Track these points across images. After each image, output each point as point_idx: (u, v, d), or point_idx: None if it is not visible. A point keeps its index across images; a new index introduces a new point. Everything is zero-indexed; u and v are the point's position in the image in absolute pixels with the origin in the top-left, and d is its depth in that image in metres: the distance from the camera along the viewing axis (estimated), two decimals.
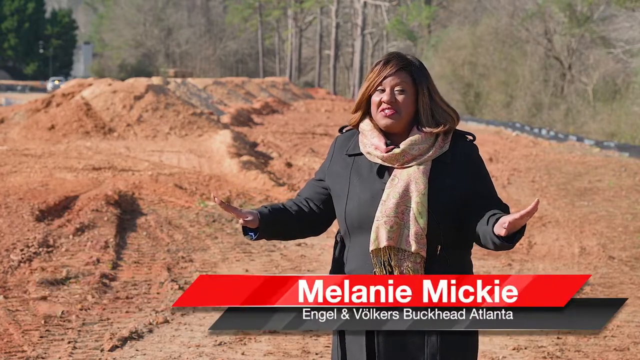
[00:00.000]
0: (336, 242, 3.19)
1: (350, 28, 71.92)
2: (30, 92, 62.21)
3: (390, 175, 3.06)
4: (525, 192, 14.71)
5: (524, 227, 2.88)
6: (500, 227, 2.86)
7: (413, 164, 3.04)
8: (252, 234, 3.12)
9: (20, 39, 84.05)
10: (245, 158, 17.12)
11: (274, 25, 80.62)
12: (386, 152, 3.06)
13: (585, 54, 36.15)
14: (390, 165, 3.07)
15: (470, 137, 3.14)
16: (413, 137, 3.06)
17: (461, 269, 3.04)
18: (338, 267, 3.15)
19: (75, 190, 12.99)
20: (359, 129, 3.16)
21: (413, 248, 2.98)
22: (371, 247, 3.01)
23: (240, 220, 3.08)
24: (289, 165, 17.51)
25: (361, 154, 3.13)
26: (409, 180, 3.02)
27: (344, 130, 3.25)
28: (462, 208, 3.03)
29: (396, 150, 3.05)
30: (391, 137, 3.11)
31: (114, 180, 14.24)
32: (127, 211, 11.67)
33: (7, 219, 10.44)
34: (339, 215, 3.14)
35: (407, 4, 62.68)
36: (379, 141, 3.08)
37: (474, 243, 3.10)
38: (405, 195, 3.01)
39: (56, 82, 61.04)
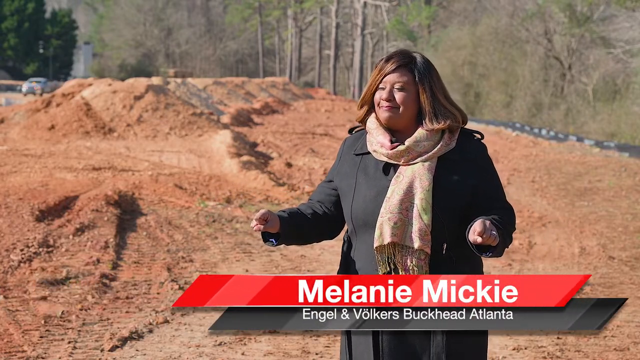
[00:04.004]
0: (344, 242, 3.19)
1: (350, 28, 71.90)
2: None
3: (395, 173, 3.06)
4: (525, 192, 14.71)
5: (496, 247, 2.88)
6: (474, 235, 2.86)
7: (418, 161, 3.04)
8: (272, 240, 3.09)
9: (20, 39, 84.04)
10: (245, 158, 17.12)
11: (274, 25, 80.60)
12: (391, 149, 3.06)
13: (585, 54, 36.14)
14: (395, 162, 3.07)
15: (478, 136, 3.13)
16: (418, 134, 3.06)
17: (468, 268, 3.01)
18: (346, 266, 3.14)
19: (75, 190, 12.99)
20: (366, 128, 3.17)
21: (416, 244, 2.97)
22: (375, 244, 3.01)
23: (256, 226, 3.00)
24: (289, 165, 17.50)
25: (368, 152, 3.13)
26: (413, 177, 3.02)
27: (353, 132, 3.26)
28: (467, 206, 3.02)
29: (401, 147, 3.05)
30: (397, 134, 3.11)
31: (114, 180, 14.24)
32: (127, 211, 11.67)
33: (7, 219, 10.43)
34: (345, 214, 3.14)
35: (407, 4, 62.67)
36: (384, 138, 3.08)
37: None
38: (409, 192, 3.00)
39: (32, 84, 58.27)
